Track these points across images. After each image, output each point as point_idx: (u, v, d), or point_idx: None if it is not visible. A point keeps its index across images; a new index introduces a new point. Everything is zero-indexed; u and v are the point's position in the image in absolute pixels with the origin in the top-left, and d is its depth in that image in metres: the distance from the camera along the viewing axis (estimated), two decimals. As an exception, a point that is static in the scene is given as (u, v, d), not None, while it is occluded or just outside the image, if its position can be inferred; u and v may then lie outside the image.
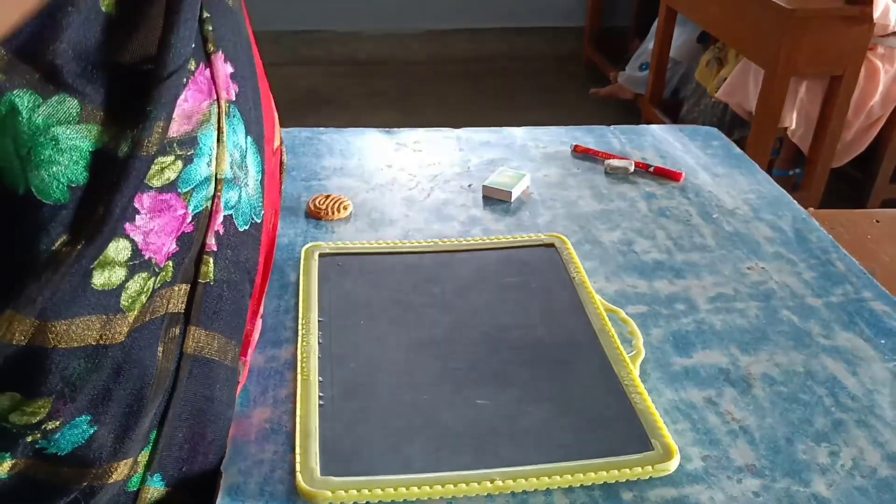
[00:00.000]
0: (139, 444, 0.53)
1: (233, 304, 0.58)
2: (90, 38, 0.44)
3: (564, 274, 0.80)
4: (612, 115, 3.13)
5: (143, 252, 0.50)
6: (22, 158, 0.44)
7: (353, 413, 0.62)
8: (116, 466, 0.52)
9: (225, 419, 0.59)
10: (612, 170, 1.04)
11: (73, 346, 0.47)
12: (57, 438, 0.49)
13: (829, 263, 0.85)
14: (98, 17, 0.45)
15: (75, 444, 0.50)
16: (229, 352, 0.58)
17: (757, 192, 1.00)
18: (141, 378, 0.51)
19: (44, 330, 0.46)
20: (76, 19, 0.43)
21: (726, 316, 0.77)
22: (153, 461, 0.55)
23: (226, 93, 0.54)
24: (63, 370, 0.47)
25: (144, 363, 0.51)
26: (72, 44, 0.43)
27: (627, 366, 0.68)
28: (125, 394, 0.51)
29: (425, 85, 3.45)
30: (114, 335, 0.49)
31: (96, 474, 0.51)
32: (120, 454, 0.52)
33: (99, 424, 0.50)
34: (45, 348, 0.46)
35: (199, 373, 0.55)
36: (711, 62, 2.77)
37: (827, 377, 0.69)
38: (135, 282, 0.50)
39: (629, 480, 0.58)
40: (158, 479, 0.55)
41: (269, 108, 0.64)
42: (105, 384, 0.50)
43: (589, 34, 3.75)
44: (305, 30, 3.88)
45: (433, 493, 0.56)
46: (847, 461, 0.61)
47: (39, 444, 0.49)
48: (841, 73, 2.12)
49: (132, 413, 0.51)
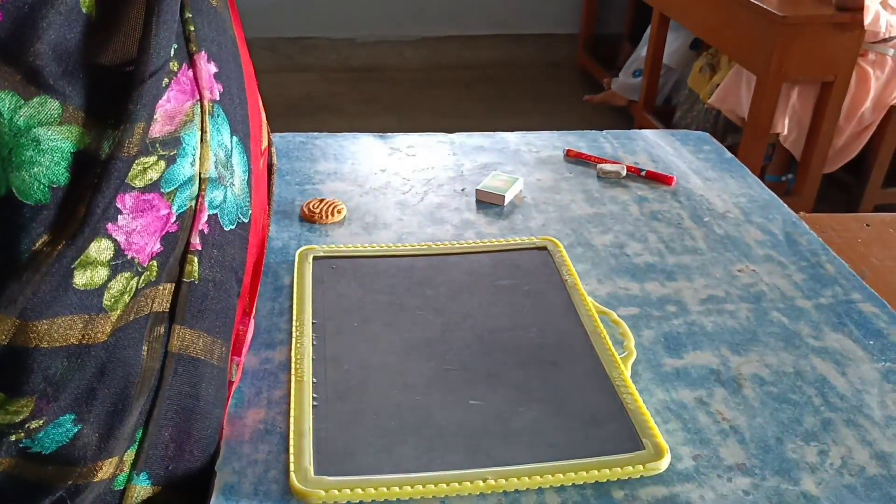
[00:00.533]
0: (124, 442, 0.53)
1: (218, 303, 0.58)
2: (71, 39, 0.45)
3: (557, 276, 0.81)
4: (605, 122, 3.14)
5: (125, 252, 0.50)
6: (3, 159, 0.45)
7: (347, 414, 0.63)
8: (101, 465, 0.52)
9: (212, 417, 0.59)
10: (605, 174, 1.04)
11: (55, 346, 0.47)
12: (41, 437, 0.49)
13: (819, 266, 0.86)
14: (78, 18, 0.45)
15: (59, 443, 0.50)
16: (216, 351, 0.58)
17: (748, 196, 1.01)
18: (125, 377, 0.51)
19: (25, 329, 0.46)
20: (56, 20, 0.44)
21: (717, 317, 0.77)
22: (139, 460, 0.55)
23: (209, 92, 0.54)
24: (45, 370, 0.48)
25: (129, 362, 0.51)
26: (52, 45, 0.44)
27: (619, 366, 0.68)
28: (109, 393, 0.51)
29: (419, 91, 3.47)
30: (96, 334, 0.49)
31: (81, 473, 0.51)
32: (105, 453, 0.52)
33: (83, 423, 0.50)
34: (27, 348, 0.47)
35: (184, 371, 0.56)
36: (704, 68, 2.79)
37: (816, 377, 0.70)
38: (117, 281, 0.50)
39: (620, 479, 0.59)
40: (145, 478, 0.56)
41: (255, 108, 0.64)
42: (89, 383, 0.50)
43: (583, 41, 3.77)
44: (300, 37, 3.90)
45: (426, 492, 0.57)
46: (836, 460, 0.61)
47: (23, 443, 0.49)
48: (832, 78, 2.14)
49: (117, 412, 0.52)
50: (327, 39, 3.92)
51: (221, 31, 0.57)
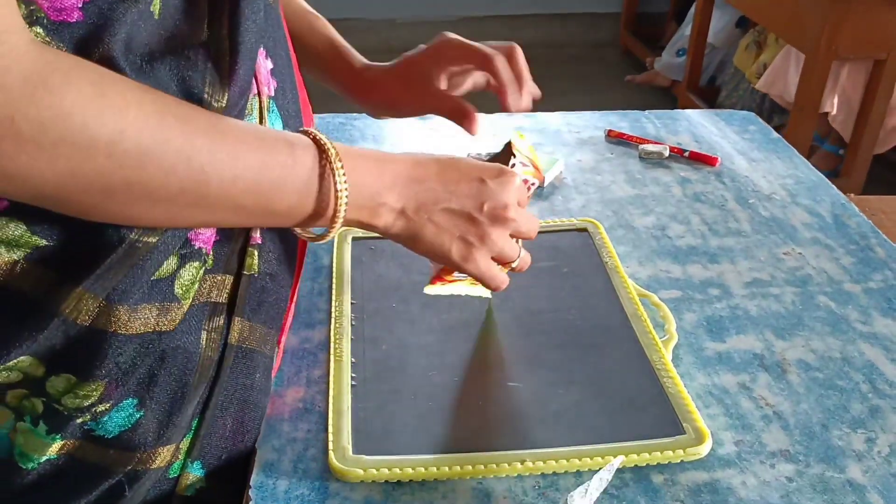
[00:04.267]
0: (182, 430, 0.54)
1: (274, 295, 0.59)
2: (141, 37, 0.45)
3: (597, 258, 0.80)
4: (648, 103, 3.07)
5: (192, 242, 0.51)
6: None
7: (385, 394, 0.63)
8: (160, 452, 0.53)
9: (262, 407, 0.60)
10: (647, 155, 1.03)
11: (130, 333, 0.49)
12: (105, 421, 0.50)
13: (869, 249, 0.84)
14: (149, 17, 0.46)
15: (122, 428, 0.51)
16: (269, 341, 0.59)
17: (795, 178, 0.98)
18: (185, 365, 0.52)
19: (108, 312, 0.48)
20: (130, 17, 0.44)
21: (761, 301, 0.76)
22: (194, 448, 0.56)
23: (267, 88, 0.55)
24: (118, 355, 0.49)
25: (188, 350, 0.52)
26: (125, 41, 0.44)
27: (660, 350, 0.67)
28: (170, 379, 0.52)
29: (459, 72, 3.44)
30: (169, 323, 0.50)
31: (140, 458, 0.52)
32: (163, 439, 0.53)
33: (145, 409, 0.51)
34: (106, 332, 0.48)
35: (241, 363, 0.56)
36: (750, 46, 2.72)
37: (864, 363, 0.68)
38: (187, 270, 0.51)
39: (660, 464, 0.58)
40: (198, 467, 0.56)
41: (305, 102, 0.64)
42: (151, 369, 0.51)
43: (625, 20, 3.71)
44: (339, 18, 3.88)
45: (463, 473, 0.57)
46: (884, 448, 0.60)
47: (88, 425, 0.50)
48: (885, 56, 2.07)
49: (176, 399, 0.53)
50: (367, 20, 3.91)
51: (277, 27, 0.57)
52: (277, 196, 0.48)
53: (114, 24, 0.43)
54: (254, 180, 0.46)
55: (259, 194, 0.47)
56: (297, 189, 0.49)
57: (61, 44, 0.42)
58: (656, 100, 3.17)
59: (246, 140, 0.46)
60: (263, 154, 0.47)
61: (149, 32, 0.46)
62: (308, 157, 0.49)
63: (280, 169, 0.48)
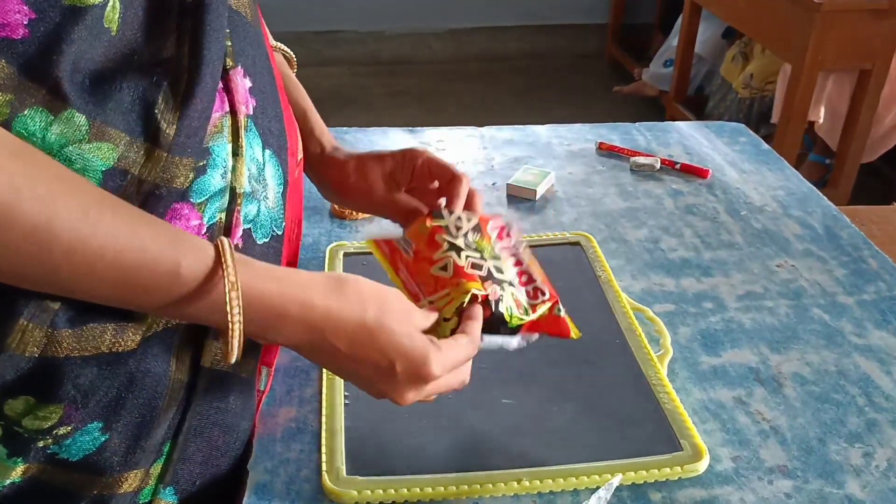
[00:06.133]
0: (151, 455, 0.53)
1: None
2: (91, 54, 0.44)
3: (590, 272, 0.79)
4: (635, 113, 3.10)
5: None
6: None
7: (379, 413, 0.62)
8: (127, 476, 0.52)
9: (240, 430, 0.59)
10: (638, 167, 1.03)
11: (84, 354, 0.47)
12: (68, 444, 0.49)
13: (861, 261, 0.84)
14: (100, 34, 0.44)
15: (86, 451, 0.50)
16: (246, 364, 0.57)
17: (786, 189, 0.98)
18: (153, 388, 0.51)
19: (56, 339, 0.46)
20: (80, 35, 0.43)
21: (755, 314, 0.76)
22: (166, 473, 0.54)
23: (245, 107, 0.54)
24: (76, 378, 0.48)
25: (156, 373, 0.51)
26: (73, 59, 0.43)
27: (655, 365, 0.67)
28: (138, 403, 0.51)
29: (447, 84, 3.45)
30: (127, 343, 0.49)
31: (107, 483, 0.51)
32: (131, 464, 0.52)
33: (110, 432, 0.50)
34: (58, 358, 0.47)
35: (215, 386, 0.55)
36: (737, 57, 2.74)
37: (860, 376, 0.68)
38: None
39: (658, 481, 0.57)
40: (171, 493, 0.55)
41: (290, 119, 0.63)
42: (118, 392, 0.50)
43: (612, 31, 3.73)
44: (327, 30, 3.90)
45: (459, 493, 0.56)
46: (882, 462, 0.60)
47: (51, 449, 0.49)
48: (870, 67, 2.09)
49: (144, 423, 0.51)
50: (355, 32, 3.91)
51: (256, 45, 0.57)
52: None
53: (61, 43, 0.42)
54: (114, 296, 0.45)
55: (123, 301, 0.45)
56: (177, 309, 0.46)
57: (4, 62, 0.41)
58: (644, 110, 3.18)
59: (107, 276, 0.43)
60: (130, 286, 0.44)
61: (104, 49, 0.45)
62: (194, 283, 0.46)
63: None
